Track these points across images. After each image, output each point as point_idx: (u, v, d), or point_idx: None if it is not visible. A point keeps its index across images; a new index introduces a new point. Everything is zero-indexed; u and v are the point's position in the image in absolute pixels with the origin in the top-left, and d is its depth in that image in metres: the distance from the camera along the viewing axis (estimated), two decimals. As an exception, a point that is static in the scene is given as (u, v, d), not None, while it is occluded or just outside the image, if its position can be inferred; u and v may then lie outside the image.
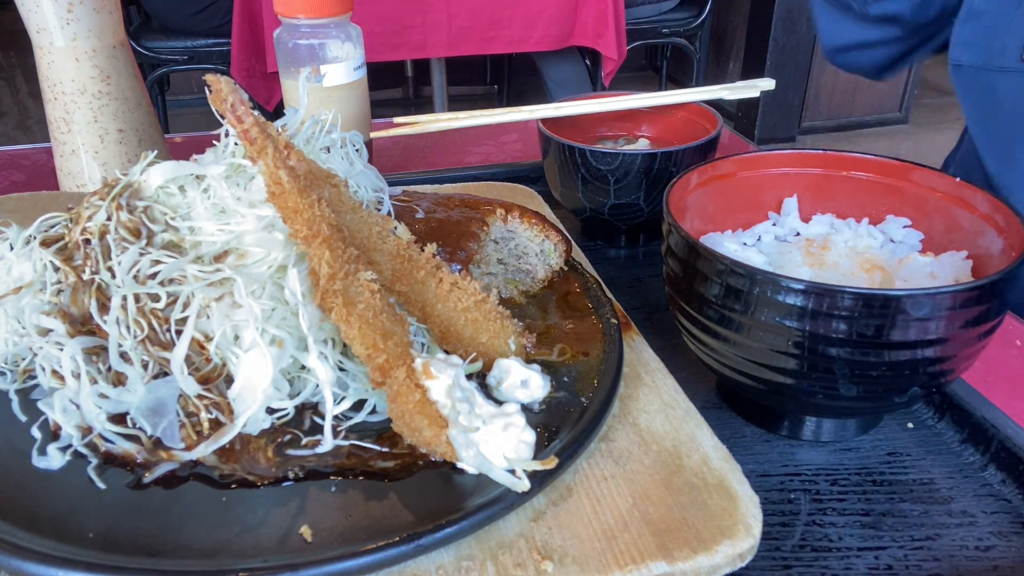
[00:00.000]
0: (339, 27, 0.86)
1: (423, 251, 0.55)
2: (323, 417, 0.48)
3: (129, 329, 0.49)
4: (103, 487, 0.46)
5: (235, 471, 0.47)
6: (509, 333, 0.56)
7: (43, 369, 0.51)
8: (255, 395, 0.48)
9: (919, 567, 0.49)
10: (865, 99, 3.78)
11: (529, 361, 0.55)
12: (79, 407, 0.49)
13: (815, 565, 0.49)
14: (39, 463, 0.47)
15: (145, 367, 0.49)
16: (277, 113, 2.41)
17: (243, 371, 0.49)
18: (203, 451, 0.47)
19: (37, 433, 0.49)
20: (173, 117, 3.25)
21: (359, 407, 0.51)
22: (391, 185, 0.68)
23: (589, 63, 2.95)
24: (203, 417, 0.49)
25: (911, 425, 0.60)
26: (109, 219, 0.53)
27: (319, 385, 0.49)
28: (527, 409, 0.52)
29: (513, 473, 0.45)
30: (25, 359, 0.53)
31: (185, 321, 0.50)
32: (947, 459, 0.57)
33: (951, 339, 0.49)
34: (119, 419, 0.49)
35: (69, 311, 0.51)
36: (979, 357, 0.53)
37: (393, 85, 4.11)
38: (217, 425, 0.49)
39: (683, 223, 0.57)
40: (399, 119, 0.85)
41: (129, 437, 0.48)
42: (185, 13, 2.74)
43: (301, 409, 0.51)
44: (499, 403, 0.50)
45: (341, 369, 0.51)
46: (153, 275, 0.51)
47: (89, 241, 0.52)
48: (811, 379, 0.51)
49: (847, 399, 0.52)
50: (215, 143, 0.59)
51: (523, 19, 2.50)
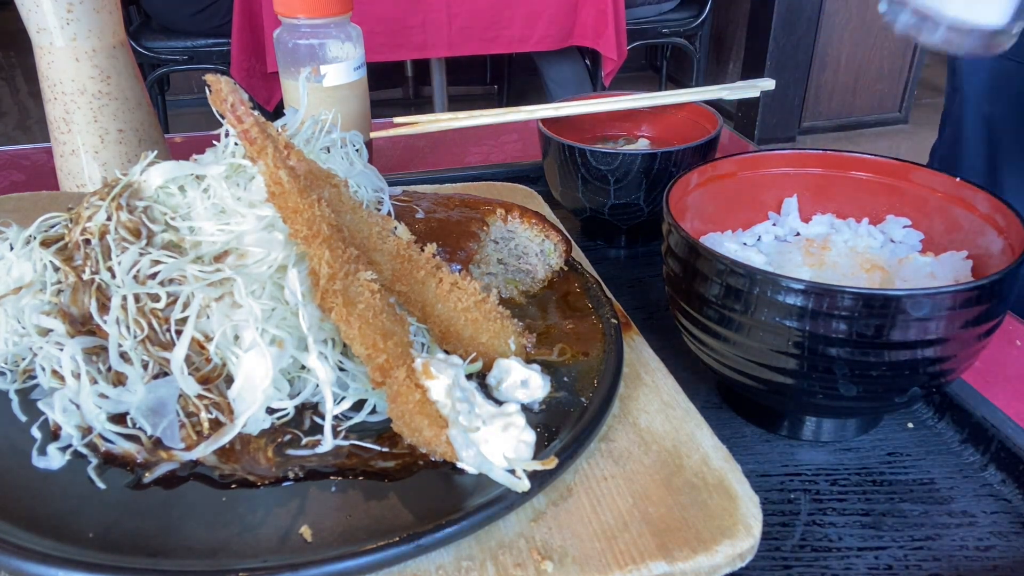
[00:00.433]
0: (339, 27, 0.86)
1: (423, 251, 0.55)
2: (323, 417, 0.48)
3: (129, 329, 0.49)
4: (103, 487, 0.46)
5: (235, 471, 0.47)
6: (509, 333, 0.56)
7: (43, 369, 0.51)
8: (255, 395, 0.48)
9: (919, 567, 0.49)
10: (865, 99, 3.78)
11: (529, 361, 0.55)
12: (79, 407, 0.49)
13: (815, 565, 0.49)
14: (39, 463, 0.47)
15: (145, 367, 0.49)
16: (277, 113, 2.41)
17: (243, 371, 0.49)
18: (203, 451, 0.47)
19: (37, 433, 0.49)
20: (173, 117, 3.25)
21: (359, 407, 0.51)
22: (391, 185, 0.68)
23: (589, 63, 2.95)
24: (203, 417, 0.49)
25: (911, 425, 0.60)
26: (109, 219, 0.53)
27: (319, 385, 0.49)
28: (527, 409, 0.52)
29: (513, 473, 0.45)
30: (25, 359, 0.53)
31: (185, 321, 0.49)
32: (947, 459, 0.57)
33: (951, 339, 0.49)
34: (119, 419, 0.49)
35: (69, 311, 0.51)
36: (979, 357, 0.53)
37: (393, 85, 4.10)
38: (217, 425, 0.49)
39: (683, 223, 0.57)
40: (399, 119, 0.85)
41: (129, 437, 0.48)
42: (185, 13, 2.74)
43: (301, 409, 0.51)
44: (499, 403, 0.50)
45: (341, 369, 0.51)
46: (153, 275, 0.51)
47: (89, 241, 0.52)
48: (811, 379, 0.51)
49: (847, 399, 0.52)
50: (215, 143, 0.59)
51: (523, 19, 2.50)
